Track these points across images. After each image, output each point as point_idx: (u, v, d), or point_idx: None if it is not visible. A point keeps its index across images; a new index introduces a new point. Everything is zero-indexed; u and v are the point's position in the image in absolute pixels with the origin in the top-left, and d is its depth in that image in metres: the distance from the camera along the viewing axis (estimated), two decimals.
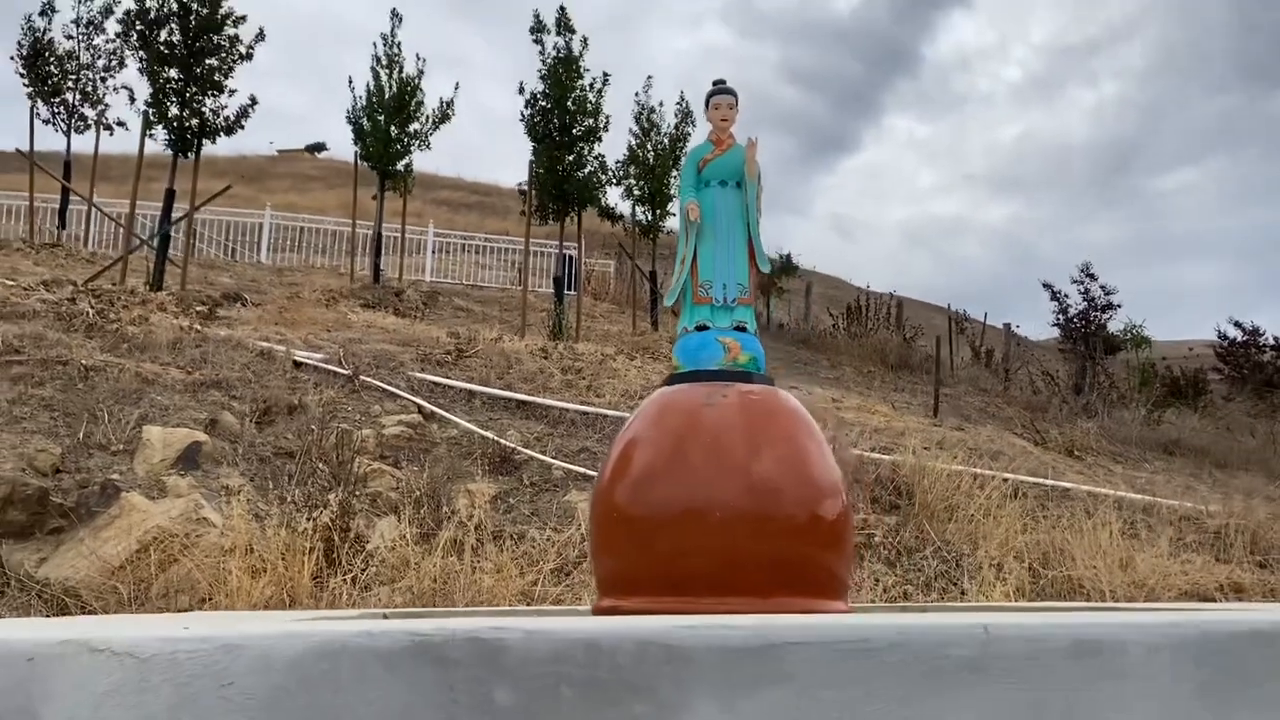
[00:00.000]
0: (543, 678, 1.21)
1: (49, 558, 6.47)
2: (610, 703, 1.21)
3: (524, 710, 1.20)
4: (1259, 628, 1.36)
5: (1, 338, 8.24)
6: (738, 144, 3.09)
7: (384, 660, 1.18)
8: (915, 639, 1.25)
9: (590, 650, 1.21)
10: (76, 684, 1.15)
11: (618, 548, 2.84)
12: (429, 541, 6.56)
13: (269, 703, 1.15)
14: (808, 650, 1.23)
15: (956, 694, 1.25)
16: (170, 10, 11.28)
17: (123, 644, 1.15)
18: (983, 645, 1.25)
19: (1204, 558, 7.11)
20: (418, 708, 1.19)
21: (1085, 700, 1.28)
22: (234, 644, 1.16)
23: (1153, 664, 1.30)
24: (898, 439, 9.22)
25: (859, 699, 1.23)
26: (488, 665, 1.20)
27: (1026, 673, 1.27)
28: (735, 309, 3.02)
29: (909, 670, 1.25)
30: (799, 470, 2.80)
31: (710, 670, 1.22)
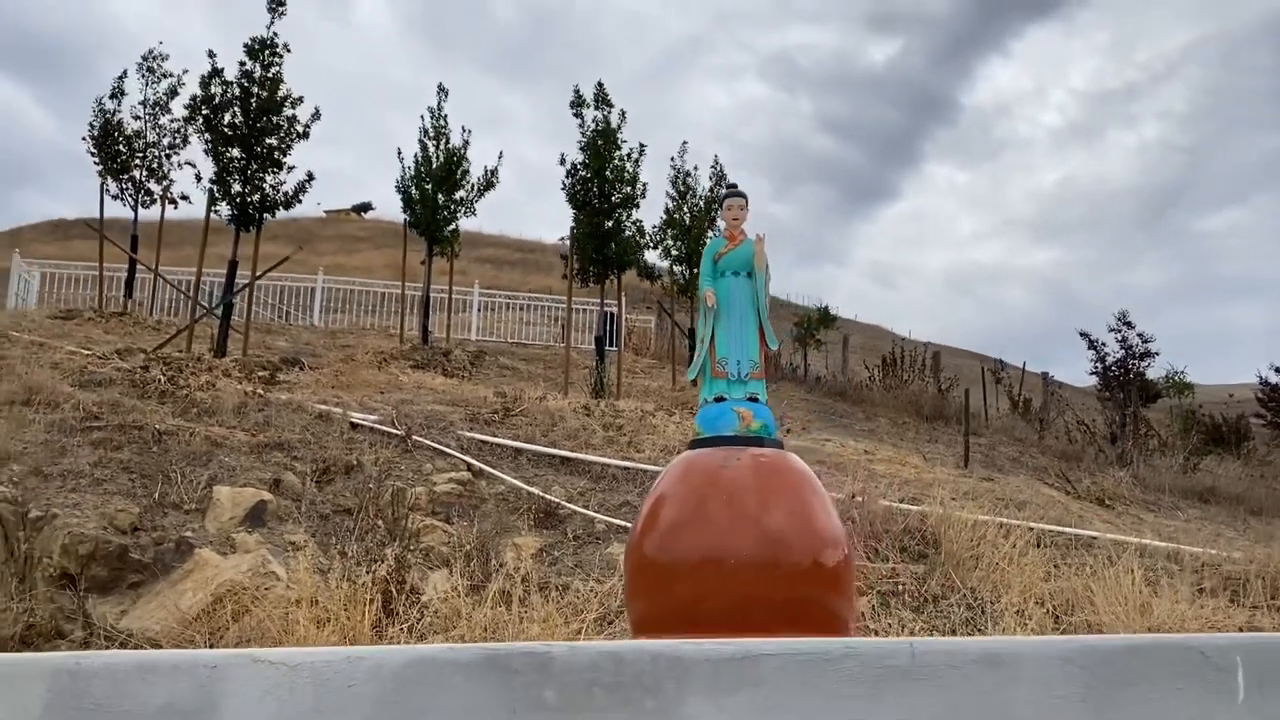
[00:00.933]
0: (580, 681, 1.64)
1: (129, 610, 6.94)
2: (629, 700, 1.64)
3: (567, 705, 1.63)
4: (1133, 643, 1.74)
5: (82, 405, 8.83)
6: (748, 239, 3.56)
7: (463, 669, 1.62)
8: (861, 652, 1.65)
9: (615, 661, 1.65)
10: (245, 685, 1.61)
11: (647, 592, 3.26)
12: (479, 593, 6.99)
13: (380, 699, 1.60)
14: (777, 660, 1.65)
15: (893, 694, 1.66)
16: (233, 95, 12.09)
17: (277, 657, 1.61)
18: (911, 658, 1.66)
19: (1223, 603, 7.33)
20: (487, 704, 1.63)
21: (992, 700, 1.67)
22: (356, 656, 1.61)
23: (1044, 671, 1.69)
24: (927, 490, 9.52)
25: (816, 696, 1.64)
26: (540, 672, 1.63)
27: (947, 678, 1.67)
28: (748, 382, 3.46)
29: (856, 676, 1.65)
30: (804, 523, 3.21)
31: (703, 675, 1.64)
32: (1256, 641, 1.81)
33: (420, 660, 1.62)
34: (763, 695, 1.65)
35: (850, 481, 9.51)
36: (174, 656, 1.65)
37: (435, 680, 1.63)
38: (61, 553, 6.87)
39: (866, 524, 8.35)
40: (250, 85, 12.20)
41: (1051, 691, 1.70)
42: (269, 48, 12.37)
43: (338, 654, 1.61)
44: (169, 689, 1.56)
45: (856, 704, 1.66)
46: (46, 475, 7.71)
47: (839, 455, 10.90)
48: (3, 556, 7.02)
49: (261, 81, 12.23)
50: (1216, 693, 1.74)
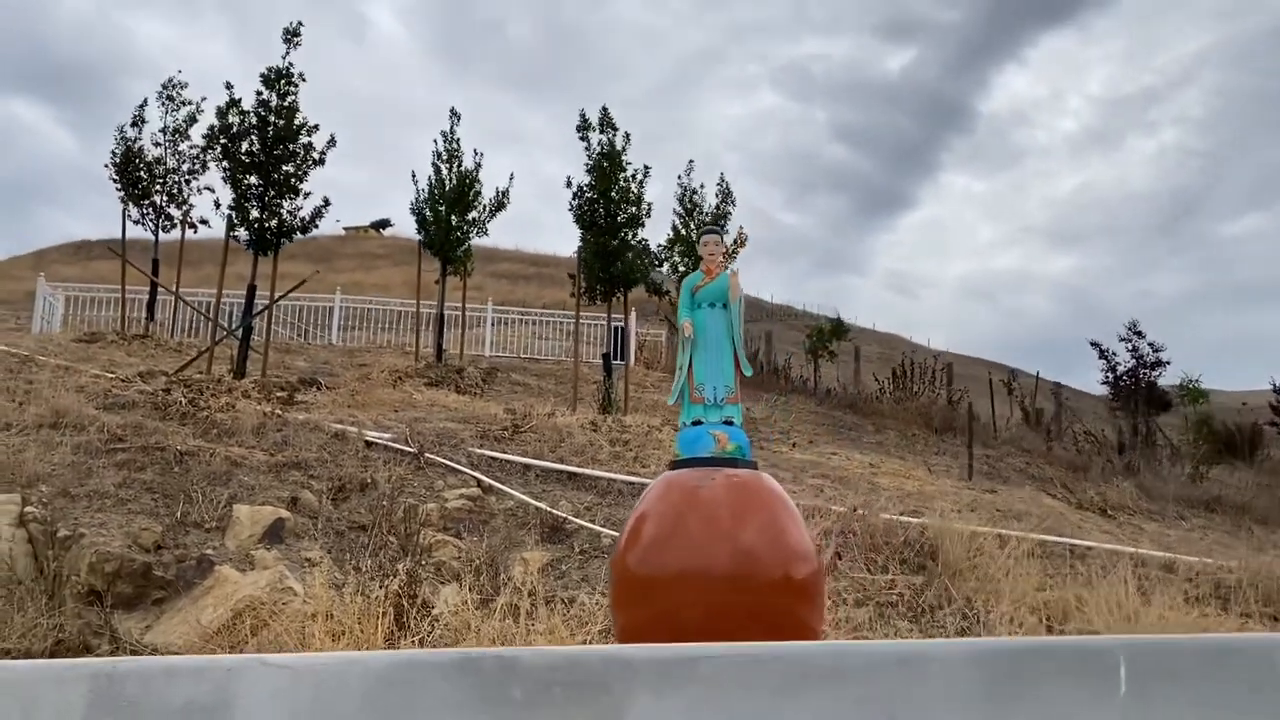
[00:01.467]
0: (542, 681, 1.90)
1: (153, 625, 7.22)
2: (584, 696, 1.90)
3: (530, 701, 1.89)
4: (1031, 644, 1.98)
5: (106, 427, 9.16)
6: (724, 273, 3.82)
7: (440, 670, 1.88)
8: (789, 654, 1.90)
9: (572, 663, 1.90)
10: (256, 685, 1.87)
11: (630, 603, 3.52)
12: (488, 606, 7.25)
13: (369, 695, 1.86)
14: (713, 661, 1.90)
15: (815, 691, 1.90)
16: (250, 124, 12.47)
17: (283, 661, 1.88)
18: (835, 658, 1.91)
19: (1214, 610, 7.51)
20: (462, 700, 1.90)
21: (902, 695, 1.91)
22: (350, 659, 1.88)
23: (950, 670, 1.93)
24: (929, 502, 9.73)
25: (747, 693, 1.89)
26: (507, 672, 1.89)
27: (865, 677, 1.91)
28: (724, 406, 3.72)
29: (785, 674, 1.90)
30: (774, 538, 3.46)
31: (648, 675, 1.89)
32: (1135, 642, 2.04)
33: (404, 663, 1.89)
34: (700, 692, 1.90)
35: (852, 495, 9.74)
36: (195, 661, 1.92)
37: (417, 680, 1.89)
38: (88, 570, 7.15)
39: (867, 537, 8.57)
40: (267, 114, 12.57)
41: (957, 688, 1.94)
42: (285, 78, 12.75)
43: (335, 658, 1.88)
44: (190, 689, 1.83)
45: (782, 699, 1.91)
46: (74, 496, 8.01)
47: (843, 469, 11.11)
48: (33, 574, 7.33)
49: (278, 110, 12.60)
50: (1101, 686, 1.97)
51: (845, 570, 8.01)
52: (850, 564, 8.17)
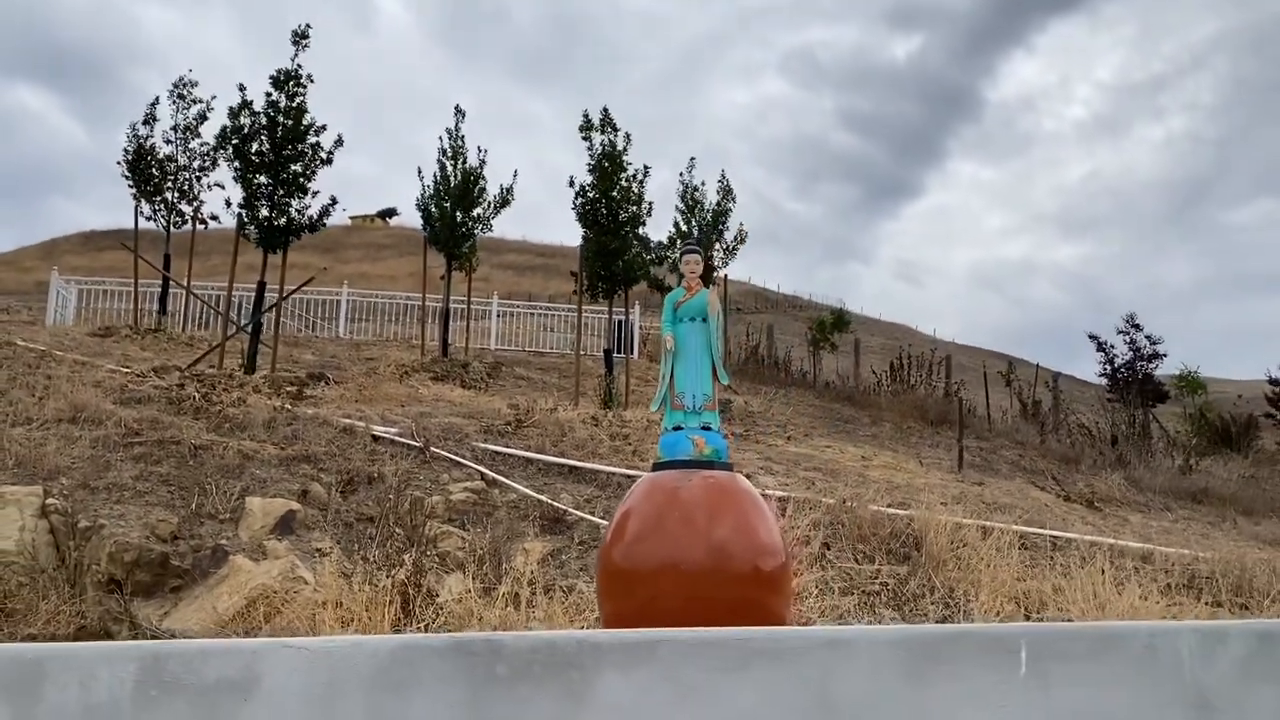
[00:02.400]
0: (523, 661, 2.22)
1: (171, 612, 7.56)
2: (558, 674, 2.22)
3: (514, 677, 2.22)
4: (948, 631, 2.29)
5: (123, 422, 9.50)
6: (703, 289, 4.14)
7: (437, 652, 2.21)
8: (735, 638, 2.21)
9: (550, 645, 2.23)
10: (278, 664, 2.20)
11: (614, 594, 3.84)
12: (490, 595, 7.58)
13: (375, 674, 2.19)
14: (672, 644, 2.22)
15: (758, 669, 2.22)
16: (260, 125, 12.80)
17: (301, 644, 2.20)
18: (773, 641, 2.22)
19: (1187, 599, 7.81)
20: (455, 677, 2.22)
21: (833, 674, 2.23)
22: (359, 642, 2.20)
23: (875, 652, 2.25)
24: (917, 495, 10.03)
25: (700, 671, 2.21)
26: (494, 654, 2.22)
27: (799, 657, 2.23)
28: (702, 413, 4.04)
29: (731, 656, 2.22)
30: (746, 535, 3.78)
31: (616, 656, 2.22)
32: (1035, 629, 2.34)
33: (405, 646, 2.21)
34: (659, 670, 2.23)
35: (843, 488, 10.04)
36: (225, 643, 2.25)
37: (417, 660, 2.22)
38: (108, 560, 7.48)
39: (855, 528, 8.90)
40: (276, 115, 12.89)
41: (881, 667, 2.25)
42: (293, 79, 13.06)
43: (345, 641, 2.20)
44: (222, 667, 2.16)
45: (730, 676, 2.23)
46: (93, 488, 8.34)
47: (836, 462, 11.42)
48: (55, 563, 7.67)
49: (287, 111, 12.92)
50: (1006, 667, 2.28)
51: (833, 560, 8.34)
52: (838, 554, 8.49)
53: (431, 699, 2.16)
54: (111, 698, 2.08)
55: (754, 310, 59.06)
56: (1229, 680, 2.34)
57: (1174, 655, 2.34)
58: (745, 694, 2.21)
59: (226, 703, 2.12)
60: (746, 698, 2.21)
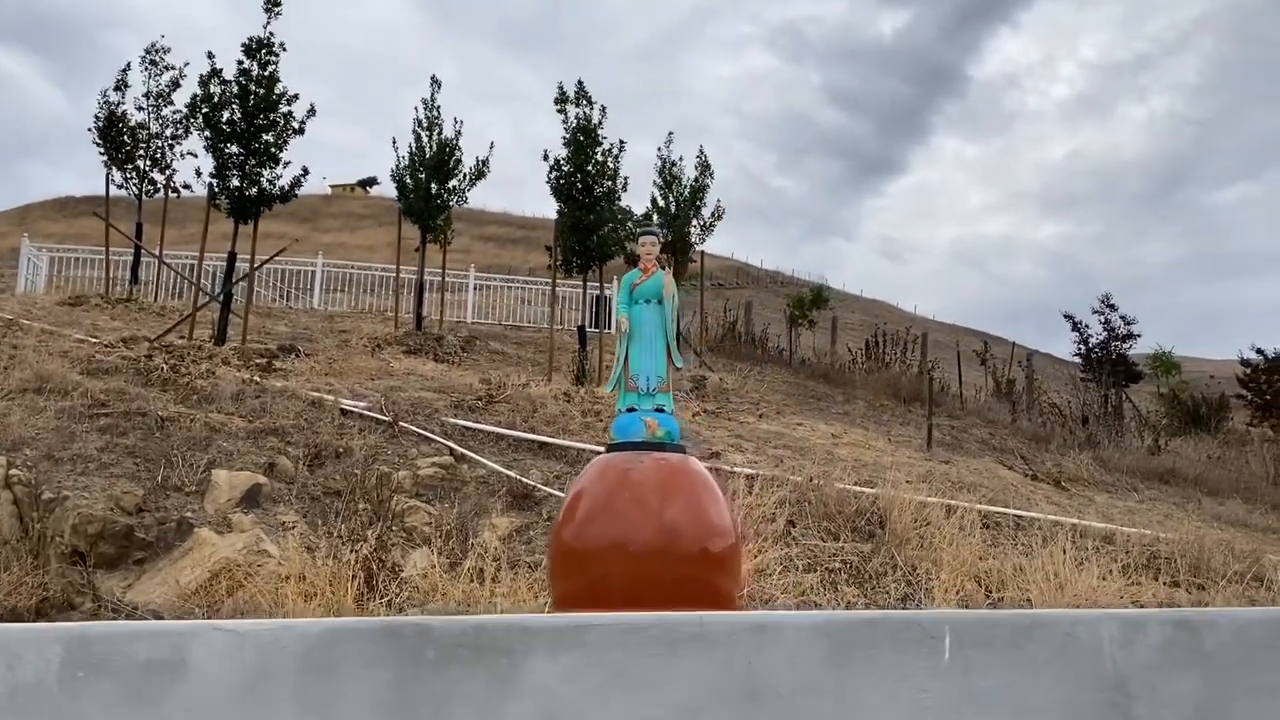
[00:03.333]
0: (452, 644, 2.24)
1: (134, 584, 7.55)
2: (487, 658, 2.24)
3: (442, 661, 2.24)
4: (869, 616, 2.33)
5: (90, 393, 9.44)
6: (660, 271, 4.14)
7: (366, 635, 2.22)
8: (663, 623, 2.24)
9: (478, 629, 2.25)
10: (206, 647, 2.21)
11: (565, 574, 3.87)
12: (456, 570, 7.60)
13: (304, 657, 2.20)
14: (600, 629, 2.24)
15: (686, 653, 2.25)
16: (231, 94, 12.65)
17: (230, 626, 2.21)
18: (699, 626, 2.25)
19: (1145, 579, 7.92)
20: (384, 660, 2.24)
21: (759, 658, 2.26)
22: (288, 625, 2.21)
23: (799, 636, 2.28)
24: (885, 473, 10.11)
25: (628, 655, 2.24)
26: (422, 637, 2.23)
27: (726, 642, 2.26)
28: (656, 395, 4.06)
29: (659, 640, 2.24)
30: (695, 515, 3.81)
31: (544, 639, 2.23)
32: (960, 616, 2.38)
33: (335, 629, 2.22)
34: (587, 654, 2.25)
35: (811, 465, 10.11)
36: (154, 625, 2.25)
37: (345, 643, 2.23)
38: (72, 532, 7.46)
39: (821, 506, 8.96)
40: (248, 84, 12.75)
41: (805, 652, 2.28)
42: (266, 47, 12.91)
43: (275, 624, 2.21)
44: (150, 648, 2.17)
45: (658, 660, 2.26)
46: (58, 459, 8.30)
47: (806, 439, 11.48)
48: (18, 535, 7.64)
49: (259, 80, 12.78)
50: (928, 653, 2.31)
51: (798, 538, 8.40)
52: (804, 531, 8.56)
53: (359, 682, 2.18)
54: (38, 679, 2.09)
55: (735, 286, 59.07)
56: (1148, 668, 2.39)
57: (1095, 643, 2.39)
58: (673, 679, 2.24)
59: (154, 684, 2.13)
60: (675, 683, 2.23)
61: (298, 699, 2.17)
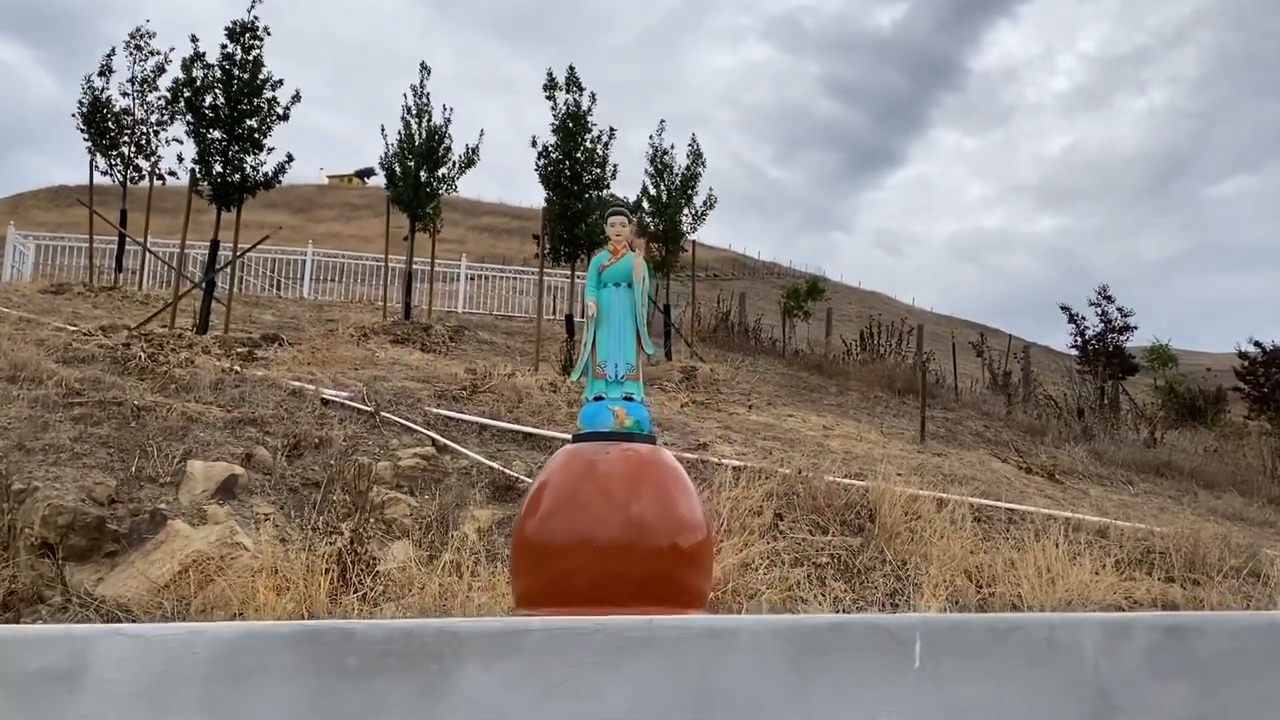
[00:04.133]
0: (376, 651, 2.06)
1: (105, 578, 7.36)
2: (416, 665, 2.06)
3: (366, 670, 2.05)
4: (834, 621, 2.14)
5: (65, 381, 9.24)
6: (629, 253, 3.95)
7: (283, 640, 2.04)
8: (609, 627, 2.06)
9: (406, 635, 2.06)
10: (108, 653, 2.03)
11: (528, 570, 3.69)
12: (435, 563, 7.42)
13: (215, 663, 2.02)
14: (539, 634, 2.06)
15: (633, 660, 2.06)
16: (214, 78, 12.42)
17: (135, 631, 2.03)
18: (649, 630, 2.07)
19: (1139, 574, 7.75)
20: (302, 668, 2.05)
21: (713, 666, 2.08)
22: (198, 630, 2.03)
23: (757, 642, 2.10)
24: (876, 465, 9.93)
25: (569, 663, 2.05)
26: (344, 643, 2.05)
27: (677, 648, 2.07)
28: (625, 383, 3.87)
29: (603, 646, 2.06)
30: (664, 509, 3.63)
31: (477, 645, 2.05)
32: (930, 620, 2.19)
33: (249, 634, 2.04)
34: (525, 662, 2.06)
35: (801, 457, 9.92)
36: (51, 630, 2.07)
37: (261, 649, 2.04)
38: (42, 523, 7.26)
39: (810, 499, 8.78)
40: (231, 68, 12.52)
41: (764, 659, 2.10)
42: (250, 31, 12.68)
43: (184, 628, 2.03)
44: (45, 656, 1.99)
45: (602, 669, 2.07)
46: (29, 450, 8.10)
47: (797, 431, 11.30)
48: None
49: (242, 64, 12.55)
50: (897, 660, 2.13)
51: (785, 531, 8.22)
52: (791, 525, 8.38)
53: (274, 692, 2.00)
54: None
55: (732, 277, 58.84)
56: (1133, 676, 2.21)
57: (1076, 649, 2.21)
58: (618, 688, 2.06)
59: (49, 694, 1.95)
60: (620, 692, 2.05)
61: (205, 711, 1.98)
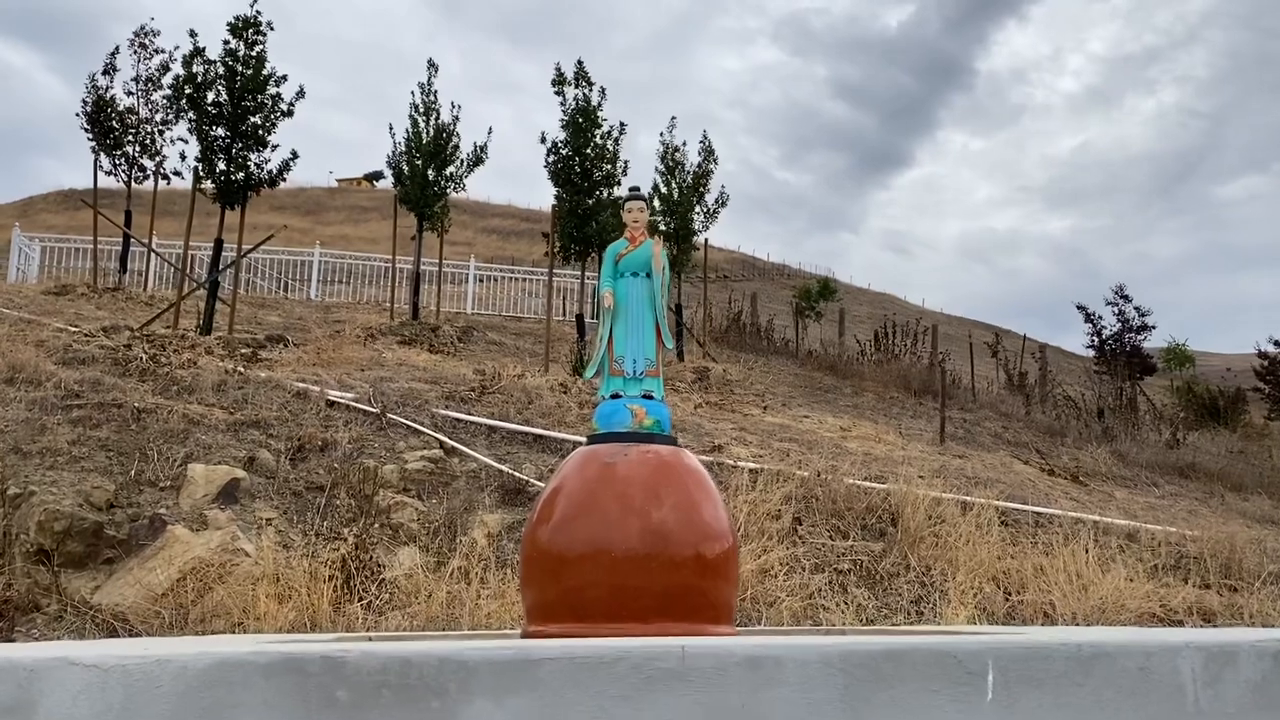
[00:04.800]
0: (370, 683, 1.79)
1: (102, 585, 7.13)
2: (415, 700, 1.79)
3: (357, 704, 1.79)
4: (891, 647, 1.88)
5: (64, 383, 9.01)
6: (648, 240, 3.67)
7: (262, 670, 1.77)
8: (635, 654, 1.79)
9: (404, 664, 1.79)
10: (60, 685, 1.76)
11: (538, 581, 3.41)
12: (444, 569, 7.16)
13: (184, 697, 1.75)
14: (556, 664, 1.79)
15: (662, 694, 1.80)
16: (217, 74, 12.20)
17: (91, 659, 1.76)
18: (680, 659, 1.80)
19: (1174, 581, 7.45)
20: (285, 702, 1.78)
21: (754, 700, 1.81)
22: (164, 658, 1.76)
23: (805, 673, 1.83)
24: (896, 467, 9.64)
25: (591, 697, 1.79)
26: (333, 674, 1.78)
27: (713, 680, 1.80)
28: (644, 380, 3.60)
29: (628, 677, 1.79)
30: (687, 516, 3.35)
31: (486, 677, 1.78)
32: (1005, 644, 1.92)
33: (223, 662, 1.77)
34: (539, 698, 1.79)
35: (819, 459, 9.64)
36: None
37: (238, 680, 1.78)
38: (38, 529, 7.04)
39: (829, 502, 8.50)
40: (234, 64, 12.29)
41: (811, 693, 1.83)
42: (252, 26, 12.45)
43: (146, 656, 1.76)
44: None
45: (627, 705, 1.80)
46: (25, 453, 7.88)
47: (813, 432, 11.02)
48: None
49: (245, 60, 12.32)
50: (967, 693, 1.86)
51: (805, 536, 7.95)
52: (810, 529, 8.11)
53: None
54: None
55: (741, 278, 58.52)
56: (1242, 711, 1.93)
57: (1173, 678, 1.93)
58: None
59: None
60: None
61: None
